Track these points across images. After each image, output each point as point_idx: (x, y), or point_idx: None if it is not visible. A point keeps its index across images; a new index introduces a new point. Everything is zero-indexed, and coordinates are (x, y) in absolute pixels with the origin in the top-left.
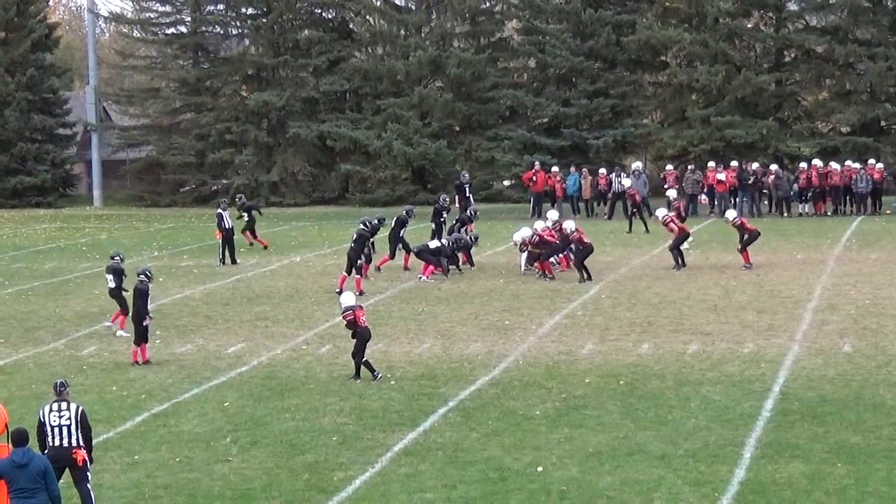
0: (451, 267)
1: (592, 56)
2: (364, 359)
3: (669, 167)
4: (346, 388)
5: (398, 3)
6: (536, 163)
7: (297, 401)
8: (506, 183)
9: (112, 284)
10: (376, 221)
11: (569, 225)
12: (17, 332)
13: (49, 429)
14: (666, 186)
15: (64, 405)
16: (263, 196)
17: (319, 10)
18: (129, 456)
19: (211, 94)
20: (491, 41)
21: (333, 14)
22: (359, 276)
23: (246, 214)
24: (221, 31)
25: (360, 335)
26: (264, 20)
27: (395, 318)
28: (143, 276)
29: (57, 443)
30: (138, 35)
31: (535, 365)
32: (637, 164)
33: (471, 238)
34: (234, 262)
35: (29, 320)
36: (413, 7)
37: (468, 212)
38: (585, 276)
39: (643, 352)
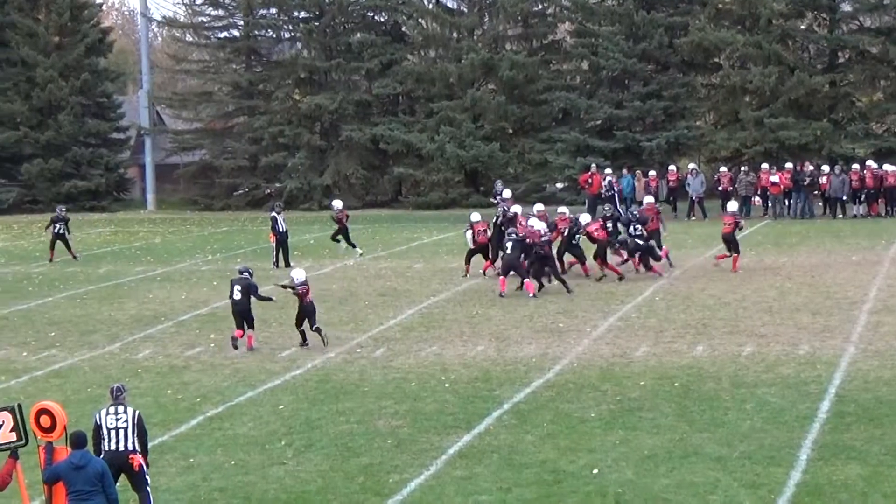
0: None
1: (645, 58)
2: (315, 327)
3: (723, 169)
4: (400, 390)
5: (450, 6)
6: (593, 165)
7: (352, 404)
8: (558, 185)
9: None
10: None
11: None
12: (73, 335)
13: (105, 432)
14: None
15: (121, 409)
16: (316, 199)
17: (372, 14)
18: (184, 459)
19: (264, 98)
20: (543, 43)
21: (386, 17)
22: (527, 281)
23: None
24: (274, 35)
25: (305, 308)
26: (317, 23)
27: (448, 321)
28: (246, 273)
29: (113, 446)
30: (191, 39)
31: (589, 367)
32: (692, 165)
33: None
34: (287, 265)
35: (84, 324)
36: (465, 10)
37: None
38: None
39: (698, 354)
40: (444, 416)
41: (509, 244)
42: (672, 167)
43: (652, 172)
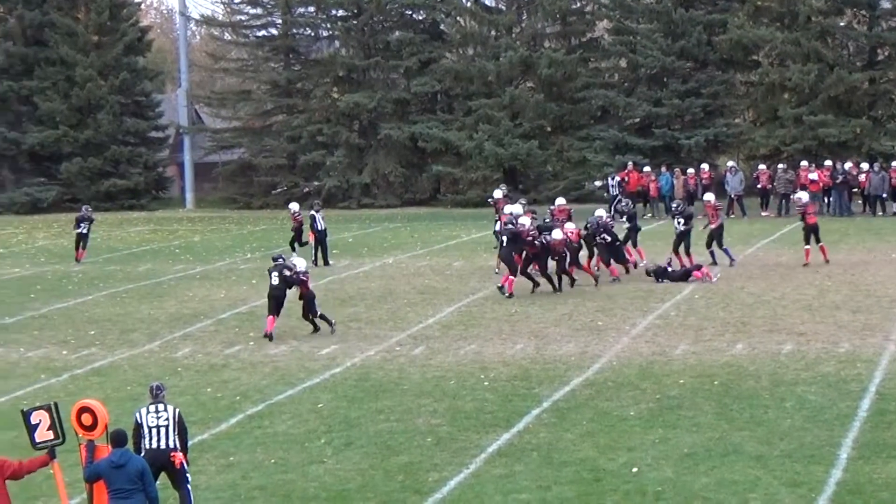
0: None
1: (684, 56)
2: (312, 316)
3: (762, 167)
4: (439, 389)
5: (489, 4)
6: (630, 163)
7: (391, 402)
8: (597, 184)
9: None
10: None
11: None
12: (112, 334)
13: (146, 430)
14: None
15: (161, 407)
16: (355, 198)
17: (410, 12)
18: (224, 457)
19: (302, 96)
20: (582, 41)
21: (424, 15)
22: (511, 278)
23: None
24: (312, 33)
25: (305, 296)
26: (355, 22)
27: (487, 319)
28: (280, 259)
29: (154, 444)
30: (229, 38)
31: (628, 365)
32: (731, 163)
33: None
34: (326, 263)
35: (123, 322)
36: (504, 8)
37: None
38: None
39: (737, 352)
40: (484, 415)
41: (504, 238)
42: (704, 165)
43: (690, 170)
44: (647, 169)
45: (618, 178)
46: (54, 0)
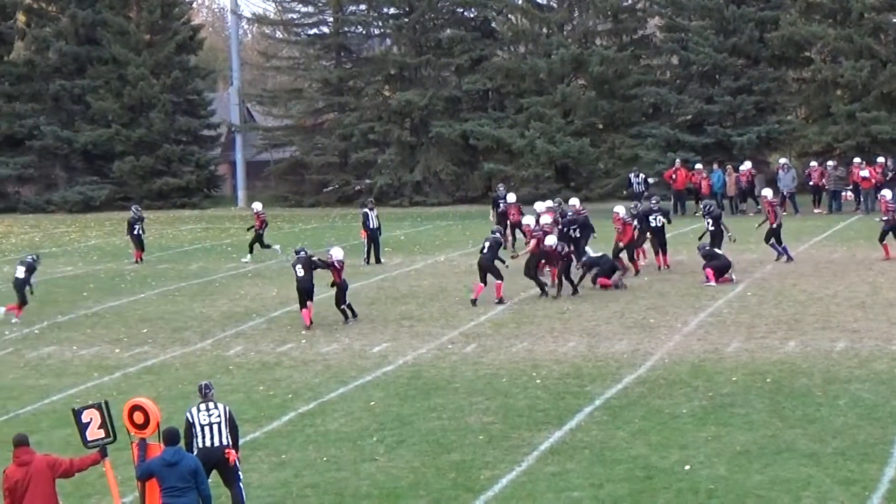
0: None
1: (735, 52)
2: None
3: (813, 164)
4: (491, 386)
5: (540, 2)
6: (677, 160)
7: (443, 400)
8: (650, 180)
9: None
10: None
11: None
12: (164, 332)
13: (199, 429)
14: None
15: (211, 405)
16: (407, 196)
17: (461, 10)
18: (276, 455)
19: (354, 94)
20: (633, 38)
21: (475, 13)
22: (499, 282)
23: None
24: (363, 31)
25: (340, 286)
26: (406, 20)
27: (539, 317)
28: (302, 252)
29: (207, 443)
30: (281, 36)
31: (680, 363)
32: (783, 160)
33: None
34: (378, 261)
35: (175, 321)
36: (555, 5)
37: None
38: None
39: (790, 349)
40: (536, 413)
41: (487, 244)
42: (746, 164)
43: (742, 167)
44: (698, 166)
45: (642, 176)
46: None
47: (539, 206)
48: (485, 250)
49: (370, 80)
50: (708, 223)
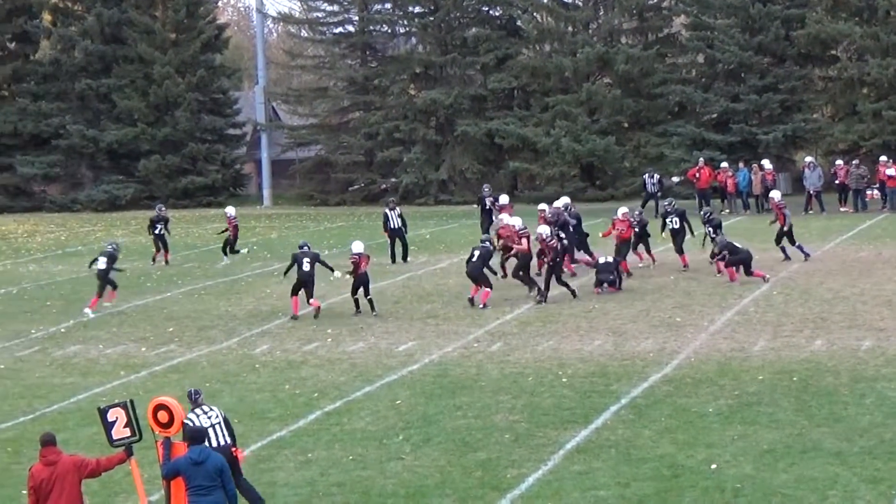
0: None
1: (761, 51)
2: (368, 296)
3: (839, 162)
4: (517, 385)
5: (566, 0)
6: (701, 159)
7: (469, 398)
8: (675, 179)
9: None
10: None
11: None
12: (191, 330)
13: None
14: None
15: (206, 408)
16: (432, 194)
17: (487, 8)
18: (302, 454)
19: (379, 93)
20: (659, 37)
21: (500, 11)
22: (487, 290)
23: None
24: (389, 30)
25: (360, 278)
26: (431, 18)
27: (565, 316)
28: (306, 247)
29: (214, 444)
30: (306, 35)
31: (707, 362)
32: (809, 158)
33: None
34: (405, 259)
35: (202, 319)
36: (580, 3)
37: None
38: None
39: (816, 348)
40: (562, 411)
41: (476, 252)
42: (765, 162)
43: (768, 166)
44: (724, 164)
45: (657, 177)
46: None
47: (543, 229)
48: (473, 258)
49: (395, 78)
50: (709, 231)
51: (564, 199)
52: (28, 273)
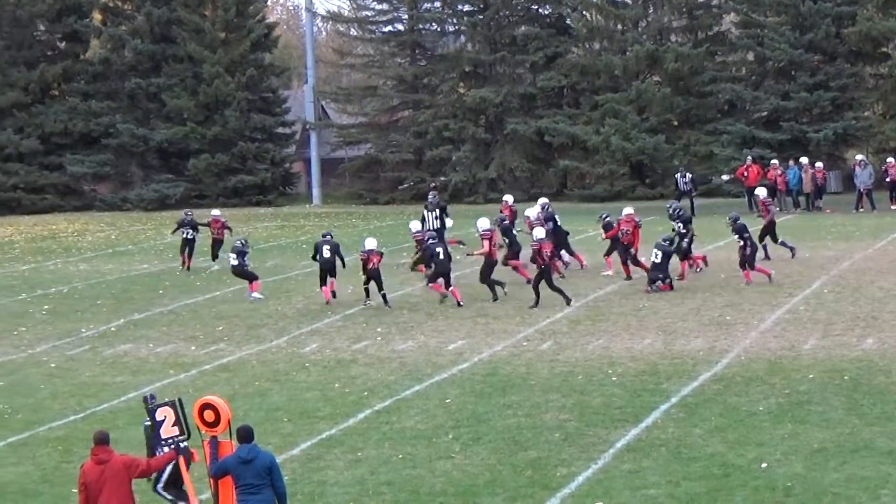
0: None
1: (812, 48)
2: (382, 291)
3: (890, 160)
4: (567, 384)
5: None
6: (749, 157)
7: (519, 397)
8: (724, 178)
9: (326, 255)
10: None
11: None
12: (240, 329)
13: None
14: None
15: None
16: (481, 193)
17: (536, 7)
18: (352, 452)
19: (428, 92)
20: (708, 35)
21: (550, 10)
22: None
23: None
24: (438, 29)
25: (370, 273)
26: (481, 17)
27: (615, 314)
28: (329, 236)
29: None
30: (355, 33)
31: (757, 360)
32: (860, 156)
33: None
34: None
35: (251, 318)
36: (630, 2)
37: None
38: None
39: (868, 347)
40: (612, 410)
41: (440, 250)
42: (803, 160)
43: (819, 164)
44: (774, 162)
45: (689, 175)
46: None
47: (538, 232)
48: (440, 256)
49: (445, 77)
50: (678, 226)
51: (542, 200)
52: (78, 272)
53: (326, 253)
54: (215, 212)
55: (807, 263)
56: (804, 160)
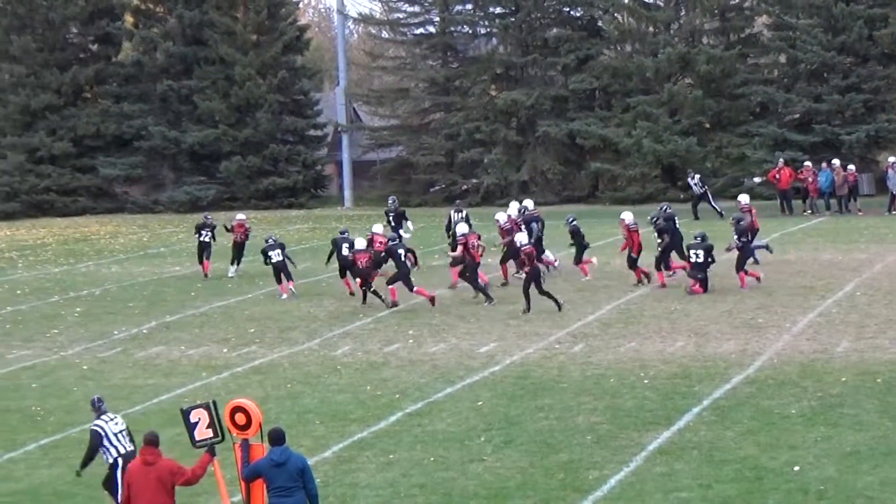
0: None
1: (844, 51)
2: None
3: None
4: (599, 387)
5: (647, 1)
6: (781, 159)
7: (551, 400)
8: (756, 180)
9: (345, 252)
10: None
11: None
12: (272, 332)
13: (114, 437)
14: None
15: (112, 415)
16: (513, 195)
17: (568, 9)
18: (384, 455)
19: (460, 94)
20: (741, 37)
21: (581, 12)
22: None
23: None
24: (470, 31)
25: (361, 271)
26: (512, 19)
27: (647, 317)
28: (346, 233)
29: (128, 448)
30: (387, 36)
31: (789, 363)
32: (892, 159)
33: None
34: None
35: (283, 320)
36: (661, 4)
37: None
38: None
39: None
40: (644, 413)
41: (402, 252)
42: (835, 162)
43: (851, 167)
44: (807, 164)
45: (698, 177)
46: (214, 0)
47: (520, 237)
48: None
49: (476, 79)
50: (655, 236)
51: (518, 204)
52: (110, 274)
53: (345, 251)
54: (240, 216)
55: (839, 266)
56: (836, 162)
